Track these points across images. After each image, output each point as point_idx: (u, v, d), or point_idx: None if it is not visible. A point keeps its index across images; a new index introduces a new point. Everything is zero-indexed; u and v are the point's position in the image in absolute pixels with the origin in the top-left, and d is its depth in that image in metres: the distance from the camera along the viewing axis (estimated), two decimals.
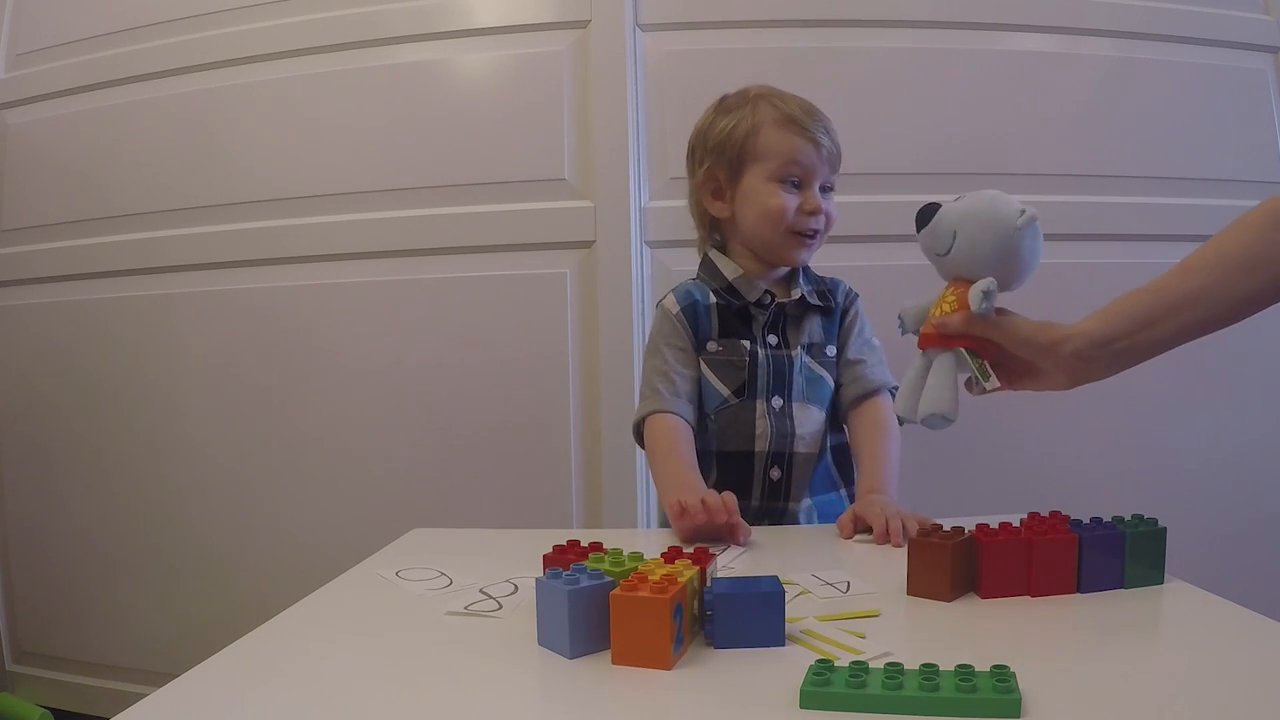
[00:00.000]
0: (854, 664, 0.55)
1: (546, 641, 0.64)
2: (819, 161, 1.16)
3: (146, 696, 0.57)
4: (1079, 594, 0.75)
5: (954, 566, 0.74)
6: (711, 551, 0.72)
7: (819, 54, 1.66)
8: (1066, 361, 0.82)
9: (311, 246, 1.75)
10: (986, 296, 0.82)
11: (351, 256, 1.74)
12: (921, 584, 0.75)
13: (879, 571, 0.85)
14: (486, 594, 0.78)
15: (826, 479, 1.20)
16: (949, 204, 0.89)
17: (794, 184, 1.16)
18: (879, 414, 1.16)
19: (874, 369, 1.19)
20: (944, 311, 0.86)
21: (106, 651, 1.91)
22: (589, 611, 0.62)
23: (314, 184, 1.75)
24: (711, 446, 1.17)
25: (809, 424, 1.17)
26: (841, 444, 1.21)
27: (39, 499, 1.94)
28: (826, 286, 1.23)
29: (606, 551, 0.72)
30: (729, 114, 1.19)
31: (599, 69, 1.67)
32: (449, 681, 0.60)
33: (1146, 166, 1.69)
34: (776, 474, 1.16)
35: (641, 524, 1.66)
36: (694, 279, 1.24)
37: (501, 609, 0.74)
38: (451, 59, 1.72)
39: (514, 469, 1.69)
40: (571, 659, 0.62)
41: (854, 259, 1.51)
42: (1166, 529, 0.78)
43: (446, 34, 1.72)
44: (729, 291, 1.19)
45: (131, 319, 1.85)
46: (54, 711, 1.85)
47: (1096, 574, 0.75)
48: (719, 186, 1.20)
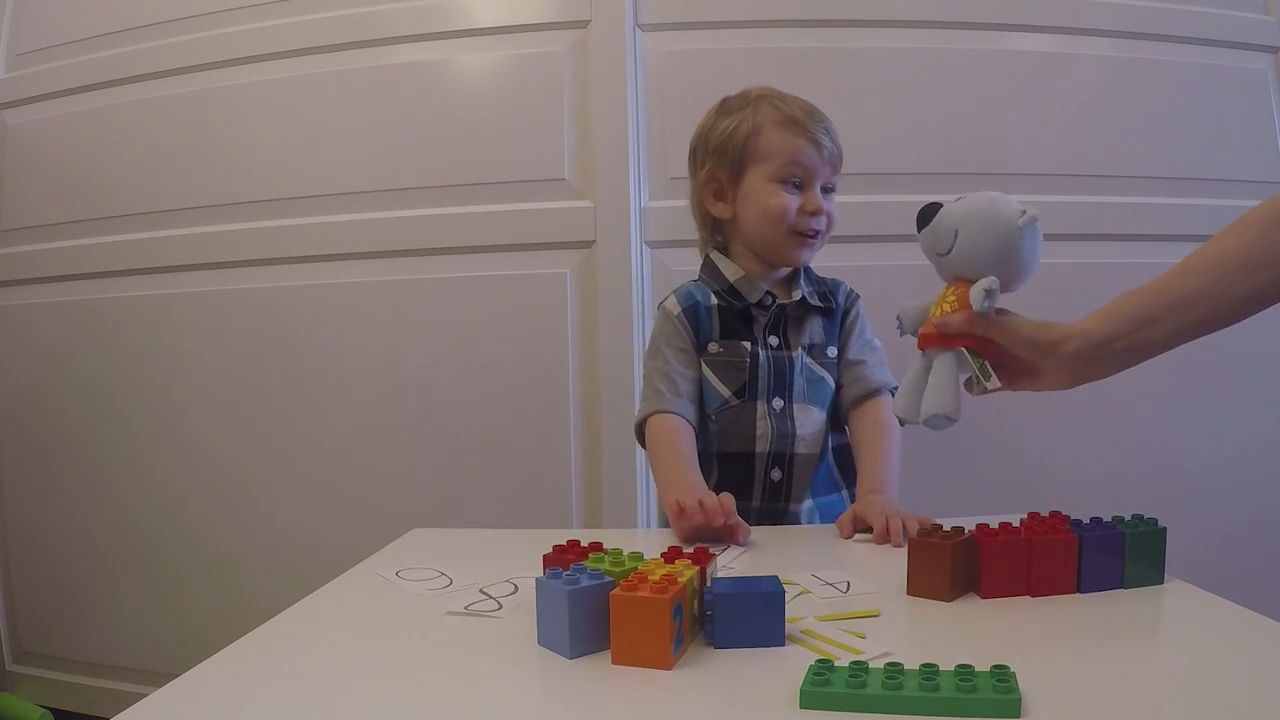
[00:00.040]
0: (854, 664, 0.55)
1: (546, 641, 0.64)
2: (820, 162, 1.16)
3: (146, 696, 0.57)
4: (1079, 594, 0.75)
5: (954, 566, 0.74)
6: (711, 551, 0.72)
7: (819, 54, 1.66)
8: (1067, 361, 0.82)
9: (311, 246, 1.75)
10: (989, 295, 0.82)
11: (351, 256, 1.74)
12: (921, 584, 0.76)
13: (879, 571, 0.84)
14: (486, 594, 0.78)
15: (828, 480, 1.20)
16: (950, 204, 0.89)
17: (795, 185, 1.16)
18: (880, 414, 1.16)
19: (875, 369, 1.19)
20: (944, 311, 0.86)
21: (106, 651, 1.91)
22: (589, 611, 0.62)
23: (314, 184, 1.75)
24: (712, 447, 1.17)
25: (810, 425, 1.17)
26: (843, 445, 1.21)
27: (39, 499, 1.94)
28: (827, 287, 1.23)
29: (606, 551, 0.72)
30: (730, 115, 1.19)
31: (599, 69, 1.67)
32: (449, 681, 0.60)
33: (1146, 166, 1.69)
34: (777, 475, 1.16)
35: (641, 524, 1.66)
36: (695, 280, 1.24)
37: (501, 609, 0.74)
38: (451, 59, 1.72)
39: (514, 469, 1.69)
40: (571, 659, 0.62)
41: (854, 259, 1.51)
42: (1166, 529, 0.78)
43: (446, 34, 1.72)
44: (730, 293, 1.19)
45: (131, 319, 1.85)
46: (54, 711, 1.85)
47: (1096, 574, 0.75)
48: (720, 187, 1.20)
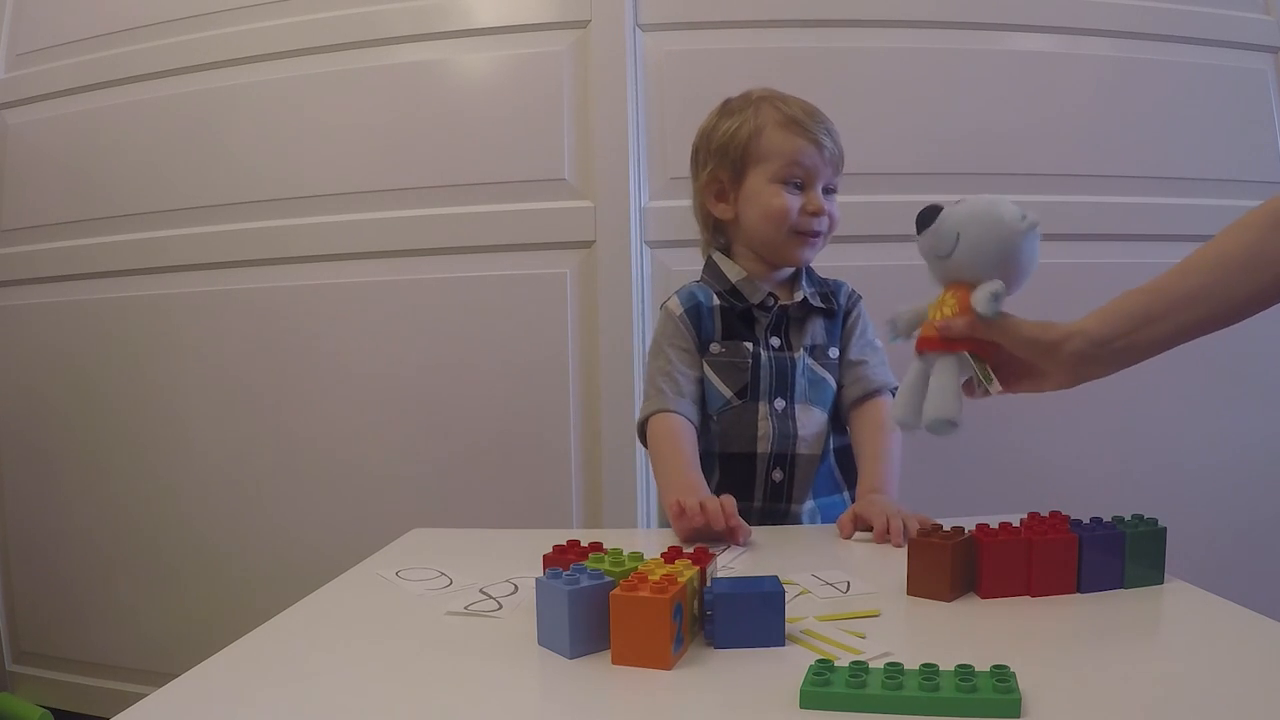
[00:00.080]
0: (854, 664, 0.55)
1: (546, 641, 0.64)
2: (821, 163, 1.16)
3: (146, 696, 0.57)
4: (1079, 594, 0.75)
5: (954, 566, 0.74)
6: (711, 551, 0.72)
7: (819, 54, 1.66)
8: (1069, 360, 0.82)
9: (311, 246, 1.75)
10: (995, 299, 0.81)
11: (351, 256, 1.74)
12: (921, 584, 0.75)
13: (879, 571, 0.84)
14: (486, 594, 0.78)
15: (829, 481, 1.20)
16: (950, 207, 0.88)
17: (797, 185, 1.16)
18: (880, 414, 1.16)
19: (876, 369, 1.19)
20: (944, 315, 0.86)
21: (106, 651, 1.91)
22: (589, 611, 0.62)
23: (314, 184, 1.75)
24: (714, 448, 1.17)
25: (811, 426, 1.17)
26: (844, 446, 1.21)
27: (39, 499, 1.94)
28: (829, 288, 1.23)
29: (606, 551, 0.72)
30: (732, 116, 1.19)
31: (599, 69, 1.67)
32: (449, 682, 0.60)
33: (1146, 166, 1.69)
34: (779, 475, 1.16)
35: (641, 524, 1.66)
36: (698, 281, 1.24)
37: (501, 609, 0.74)
38: (451, 59, 1.72)
39: (514, 469, 1.69)
40: (571, 659, 0.62)
41: (854, 259, 1.51)
42: (1166, 529, 0.78)
43: (446, 34, 1.72)
44: (732, 294, 1.19)
45: (131, 319, 1.85)
46: (54, 711, 1.85)
47: (1096, 574, 0.75)
48: (722, 188, 1.20)
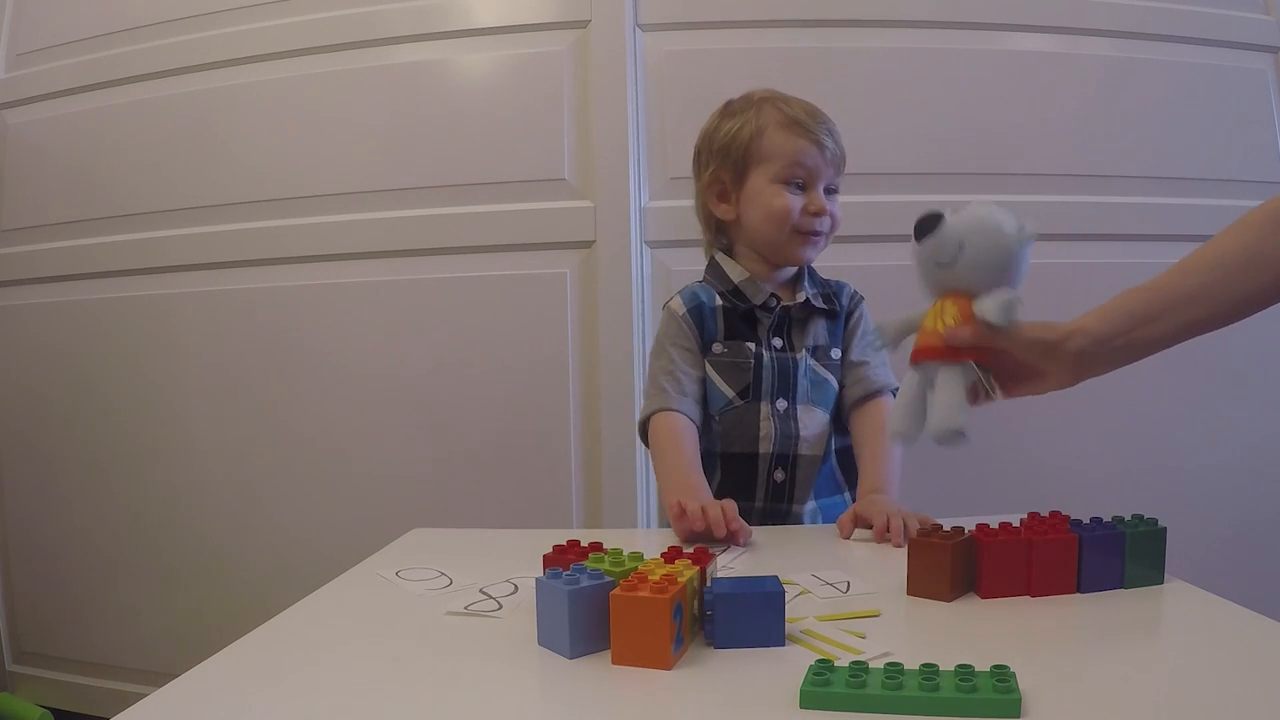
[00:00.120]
0: (854, 664, 0.55)
1: (546, 641, 0.64)
2: (823, 163, 1.16)
3: (146, 696, 0.57)
4: (1079, 594, 0.75)
5: (954, 566, 0.74)
6: (711, 551, 0.72)
7: (819, 54, 1.66)
8: (1071, 359, 0.82)
9: (311, 246, 1.75)
10: (1009, 308, 0.80)
11: (351, 256, 1.74)
12: (921, 584, 0.75)
13: (879, 571, 0.84)
14: (486, 594, 0.78)
15: (831, 482, 1.20)
16: (950, 215, 0.87)
17: (798, 185, 1.16)
18: (881, 415, 1.16)
19: (877, 370, 1.19)
20: (947, 325, 0.84)
21: (106, 651, 1.91)
22: (589, 611, 0.62)
23: (314, 184, 1.75)
24: (716, 448, 1.18)
25: (813, 426, 1.17)
26: (846, 447, 1.21)
27: (39, 499, 1.94)
28: (832, 289, 1.23)
29: (606, 551, 0.72)
30: (734, 117, 1.19)
31: (599, 69, 1.67)
32: (449, 682, 0.60)
33: (1146, 166, 1.69)
34: (780, 476, 1.16)
35: (641, 524, 1.66)
36: (700, 281, 1.24)
37: (501, 609, 0.74)
38: (451, 59, 1.72)
39: (514, 469, 1.69)
40: (571, 659, 0.62)
41: (854, 259, 1.51)
42: (1166, 529, 0.78)
43: (446, 34, 1.72)
44: (735, 294, 1.19)
45: (131, 319, 1.85)
46: (54, 711, 1.85)
47: (1096, 574, 0.75)
48: (724, 189, 1.20)
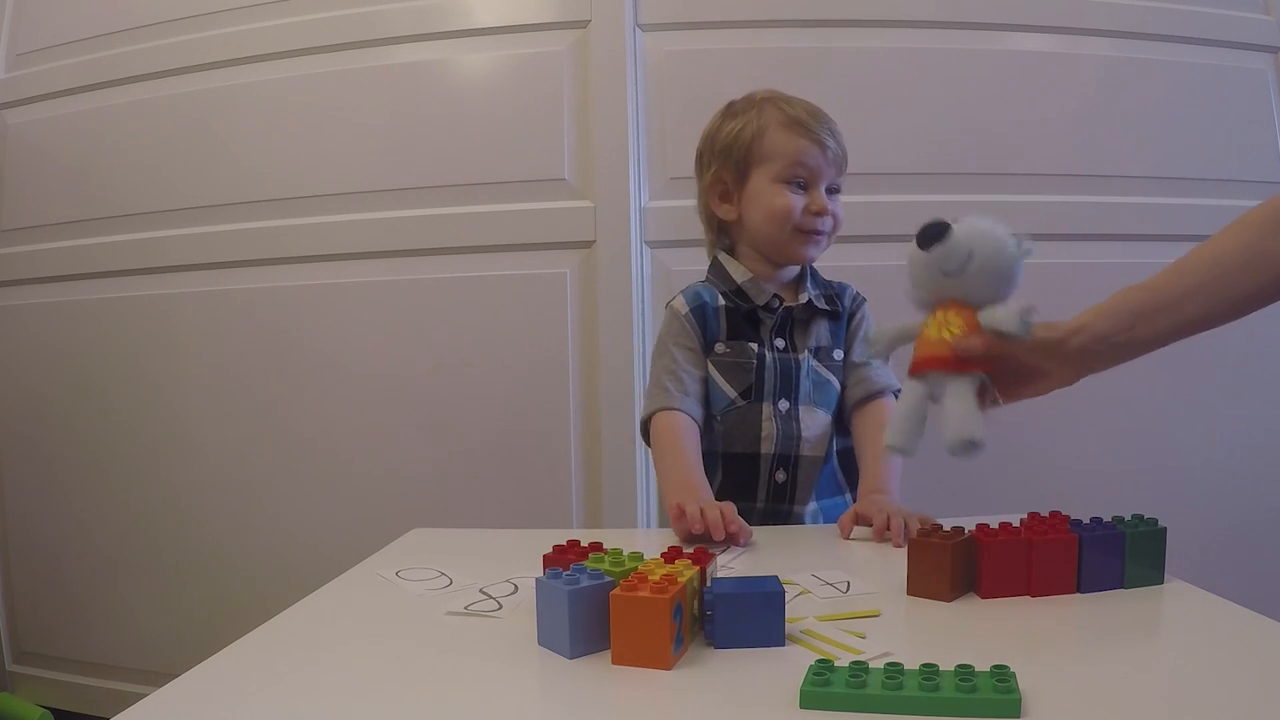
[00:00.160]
0: (854, 664, 0.55)
1: (546, 641, 0.64)
2: (825, 163, 1.16)
3: (146, 696, 0.57)
4: (1079, 594, 0.75)
5: (954, 566, 0.74)
6: (711, 551, 0.72)
7: (819, 54, 1.66)
8: (1073, 357, 0.82)
9: (311, 246, 1.75)
10: (1026, 317, 0.79)
11: (351, 256, 1.74)
12: (921, 584, 0.76)
13: (879, 571, 0.84)
14: (486, 594, 0.78)
15: (832, 483, 1.20)
16: (957, 225, 0.87)
17: (800, 185, 1.16)
18: (882, 416, 1.16)
19: (879, 371, 1.19)
20: (952, 335, 0.82)
21: (106, 651, 1.91)
22: (589, 611, 0.62)
23: (314, 184, 1.75)
24: (717, 448, 1.18)
25: (815, 427, 1.17)
26: (848, 448, 1.21)
27: (39, 499, 1.94)
28: (834, 290, 1.23)
29: (606, 551, 0.72)
30: (735, 118, 1.20)
31: (599, 69, 1.67)
32: (449, 682, 0.60)
33: (1146, 166, 1.69)
34: (782, 476, 1.16)
35: (641, 524, 1.66)
36: (703, 281, 1.24)
37: (501, 609, 0.74)
38: (451, 59, 1.72)
39: (514, 469, 1.69)
40: (571, 659, 0.62)
41: (855, 259, 1.50)
42: (1166, 529, 0.78)
43: (446, 34, 1.72)
44: (737, 294, 1.20)
45: (131, 319, 1.85)
46: (54, 711, 1.85)
47: (1096, 574, 0.75)
48: (726, 189, 1.21)
